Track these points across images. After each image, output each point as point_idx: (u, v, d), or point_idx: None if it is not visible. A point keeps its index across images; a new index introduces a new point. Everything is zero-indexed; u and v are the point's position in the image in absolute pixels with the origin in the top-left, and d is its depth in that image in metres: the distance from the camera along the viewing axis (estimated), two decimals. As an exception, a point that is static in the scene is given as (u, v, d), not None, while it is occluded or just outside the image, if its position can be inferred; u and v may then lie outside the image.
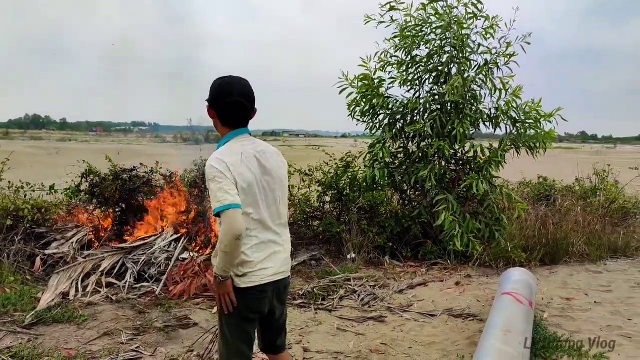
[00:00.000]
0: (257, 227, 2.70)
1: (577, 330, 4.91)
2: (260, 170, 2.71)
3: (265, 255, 2.73)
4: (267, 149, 2.82)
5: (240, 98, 2.68)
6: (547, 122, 7.13)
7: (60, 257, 6.33)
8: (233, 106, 2.69)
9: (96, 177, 7.44)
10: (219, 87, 2.71)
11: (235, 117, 2.73)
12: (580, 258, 7.67)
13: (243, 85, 2.72)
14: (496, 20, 7.14)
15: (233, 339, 2.77)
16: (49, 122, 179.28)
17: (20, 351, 4.19)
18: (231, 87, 2.69)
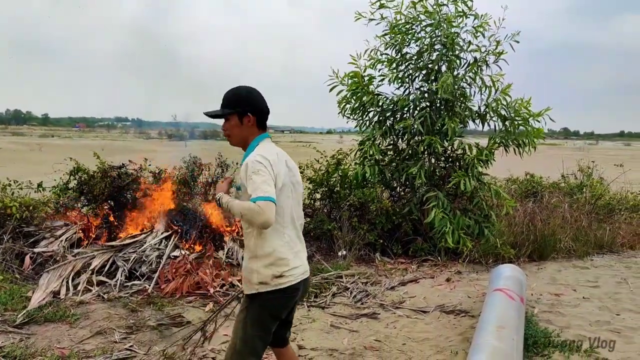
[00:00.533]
0: (289, 225, 2.82)
1: (567, 325, 4.99)
2: (288, 171, 2.85)
3: (294, 253, 2.82)
4: (285, 153, 2.97)
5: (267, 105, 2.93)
6: (536, 121, 7.20)
7: (50, 255, 6.26)
8: (267, 110, 2.91)
9: (84, 174, 7.38)
10: (256, 95, 2.88)
11: (265, 121, 2.92)
12: (567, 254, 7.79)
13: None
14: (485, 19, 7.19)
15: (253, 338, 2.78)
16: (31, 117, 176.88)
17: (12, 351, 4.15)
18: (259, 92, 2.91)
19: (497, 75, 7.25)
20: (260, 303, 2.76)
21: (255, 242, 2.75)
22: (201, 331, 4.42)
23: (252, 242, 2.77)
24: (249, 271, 2.78)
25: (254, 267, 2.75)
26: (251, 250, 2.78)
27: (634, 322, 5.15)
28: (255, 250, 2.76)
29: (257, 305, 2.77)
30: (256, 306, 2.77)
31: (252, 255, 2.78)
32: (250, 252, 2.79)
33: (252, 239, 2.77)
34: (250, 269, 2.78)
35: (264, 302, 2.76)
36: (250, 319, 2.78)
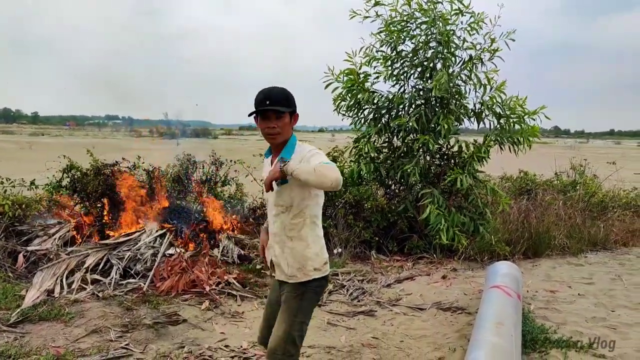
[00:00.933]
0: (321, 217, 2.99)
1: (563, 322, 5.00)
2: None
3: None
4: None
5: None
6: (531, 119, 7.21)
7: (43, 254, 6.21)
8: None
9: (78, 171, 7.33)
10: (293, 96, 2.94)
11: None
12: (562, 251, 7.83)
13: None
14: (481, 17, 7.19)
15: (302, 325, 2.88)
16: (20, 115, 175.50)
17: (6, 350, 4.10)
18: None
19: (492, 71, 7.25)
20: (313, 289, 2.91)
21: (306, 231, 2.87)
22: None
23: (304, 231, 2.87)
24: (304, 259, 2.87)
25: (309, 254, 2.87)
26: (304, 239, 2.87)
27: (630, 318, 5.18)
28: (307, 238, 2.88)
29: (311, 291, 2.91)
30: (310, 293, 2.91)
31: (304, 244, 2.87)
32: (303, 241, 2.87)
33: (303, 227, 2.86)
34: (304, 256, 2.87)
35: (315, 289, 2.92)
36: (305, 306, 2.90)
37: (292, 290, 2.91)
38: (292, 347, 2.83)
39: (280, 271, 2.96)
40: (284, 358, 2.80)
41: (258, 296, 5.62)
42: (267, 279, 6.13)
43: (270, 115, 2.81)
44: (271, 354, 2.84)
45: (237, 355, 4.25)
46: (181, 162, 8.77)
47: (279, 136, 2.86)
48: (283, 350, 2.80)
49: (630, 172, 18.94)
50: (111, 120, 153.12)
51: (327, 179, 2.53)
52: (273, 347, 2.84)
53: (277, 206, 2.89)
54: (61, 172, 7.38)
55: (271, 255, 3.02)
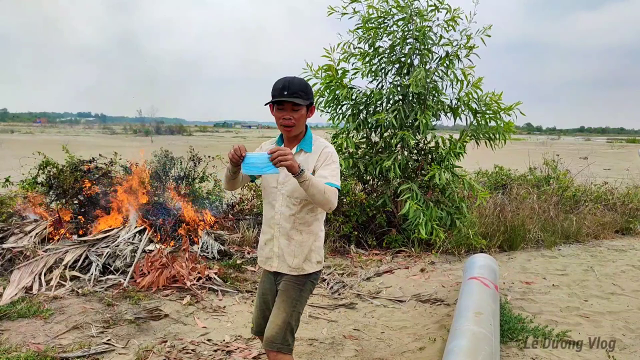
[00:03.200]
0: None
1: (539, 312, 5.14)
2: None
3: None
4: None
5: None
6: (507, 114, 7.35)
7: (19, 251, 6.13)
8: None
9: (54, 168, 7.24)
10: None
11: None
12: (536, 244, 8.01)
13: None
14: (457, 13, 7.29)
15: (299, 314, 2.95)
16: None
17: (-15, 347, 4.06)
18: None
19: (468, 67, 7.36)
20: (312, 281, 2.98)
21: (317, 225, 2.95)
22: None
23: (315, 225, 2.94)
24: (311, 252, 2.92)
25: (315, 247, 2.93)
26: (314, 232, 2.93)
27: (602, 307, 5.35)
28: (317, 232, 2.95)
29: (310, 283, 2.98)
30: (309, 285, 2.98)
31: (313, 237, 2.93)
32: (313, 234, 2.92)
33: (315, 221, 2.93)
34: (312, 249, 2.92)
35: (314, 281, 3.00)
36: (304, 297, 2.95)
37: (293, 281, 2.92)
38: (290, 336, 2.85)
39: (281, 262, 2.93)
40: (282, 347, 2.82)
41: (239, 291, 5.63)
42: (247, 274, 6.15)
43: (287, 106, 2.78)
44: (270, 342, 2.83)
45: (219, 349, 4.27)
46: (159, 158, 8.71)
47: (294, 128, 2.84)
48: (282, 339, 2.82)
49: (600, 167, 19.37)
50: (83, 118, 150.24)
51: (328, 204, 2.69)
52: (272, 334, 2.83)
53: (291, 198, 2.85)
54: (36, 168, 7.28)
55: (271, 247, 2.97)
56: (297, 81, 2.79)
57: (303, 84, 2.80)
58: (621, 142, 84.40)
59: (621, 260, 7.31)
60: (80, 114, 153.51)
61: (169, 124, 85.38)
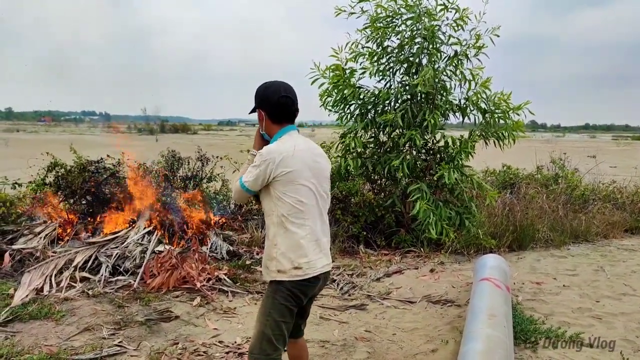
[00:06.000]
0: (311, 217, 2.85)
1: (551, 313, 5.11)
2: (312, 163, 2.90)
3: (315, 245, 2.86)
4: (314, 146, 3.05)
5: (286, 94, 2.91)
6: (515, 114, 7.32)
7: (29, 252, 6.14)
8: (281, 103, 2.90)
9: (62, 169, 7.25)
10: (265, 88, 2.95)
11: (283, 113, 2.92)
12: (546, 243, 7.98)
13: (286, 85, 2.95)
14: (466, 12, 7.26)
15: (278, 323, 2.84)
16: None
17: (-2, 349, 4.07)
18: (277, 86, 2.92)
19: (477, 68, 7.33)
20: (281, 290, 2.83)
21: (274, 231, 2.83)
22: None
23: (272, 230, 2.84)
24: (269, 257, 2.86)
25: (273, 254, 2.83)
26: (270, 238, 2.86)
27: (614, 308, 5.32)
28: (274, 239, 2.83)
29: (284, 292, 2.83)
30: (283, 293, 2.83)
31: (270, 243, 2.85)
32: (269, 240, 2.86)
33: (271, 226, 2.85)
34: (269, 255, 2.86)
35: (283, 290, 2.83)
36: (277, 305, 2.83)
37: (267, 288, 2.94)
38: (269, 346, 2.79)
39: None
40: (259, 357, 2.80)
41: (249, 292, 5.63)
42: (256, 275, 6.14)
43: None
44: (249, 354, 2.86)
45: (231, 351, 4.26)
46: (166, 158, 8.71)
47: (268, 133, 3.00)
48: (259, 349, 2.80)
49: (606, 165, 19.27)
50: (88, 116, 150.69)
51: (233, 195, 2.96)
52: (250, 346, 2.87)
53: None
54: (45, 169, 7.28)
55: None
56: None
57: (257, 90, 2.99)
58: (627, 139, 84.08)
59: (632, 260, 7.27)
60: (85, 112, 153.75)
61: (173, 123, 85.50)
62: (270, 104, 2.90)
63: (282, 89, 2.90)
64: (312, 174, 2.87)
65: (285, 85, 2.94)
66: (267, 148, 2.81)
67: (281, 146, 2.82)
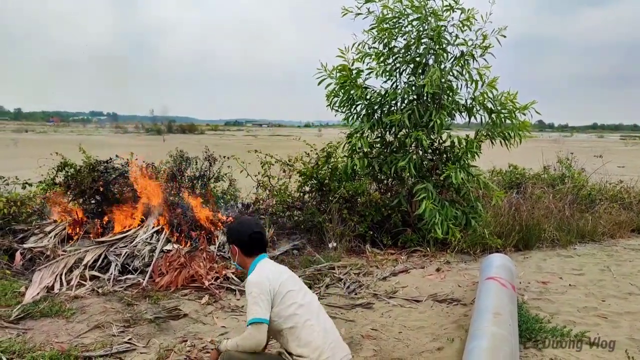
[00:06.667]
0: (305, 322, 3.15)
1: (556, 312, 5.14)
2: (288, 276, 3.28)
3: (314, 349, 3.12)
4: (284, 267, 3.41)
5: (257, 229, 3.32)
6: (522, 114, 7.34)
7: (40, 251, 6.22)
8: (253, 238, 3.29)
9: (72, 169, 7.32)
10: (237, 225, 3.41)
11: (255, 247, 3.31)
12: (552, 243, 7.99)
13: (254, 221, 3.46)
14: (472, 13, 7.29)
15: None
16: (2, 112, 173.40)
17: (10, 346, 4.13)
18: (248, 224, 3.36)
19: (483, 67, 7.36)
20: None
21: (281, 342, 3.23)
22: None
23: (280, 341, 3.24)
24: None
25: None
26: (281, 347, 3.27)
27: (619, 307, 5.33)
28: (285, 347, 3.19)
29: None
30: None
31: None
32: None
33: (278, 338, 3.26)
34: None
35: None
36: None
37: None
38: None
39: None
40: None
41: (256, 290, 5.67)
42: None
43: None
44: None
45: (239, 348, 4.31)
46: (174, 158, 8.78)
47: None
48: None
49: (614, 165, 19.20)
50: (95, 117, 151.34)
51: (243, 349, 3.07)
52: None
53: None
54: (55, 169, 7.36)
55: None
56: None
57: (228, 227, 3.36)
58: (635, 139, 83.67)
59: (638, 260, 7.27)
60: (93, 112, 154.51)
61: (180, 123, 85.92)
62: (244, 241, 3.28)
63: (254, 226, 3.32)
64: (294, 284, 3.23)
65: (254, 221, 3.44)
66: (252, 279, 3.12)
67: (261, 271, 3.18)
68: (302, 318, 3.11)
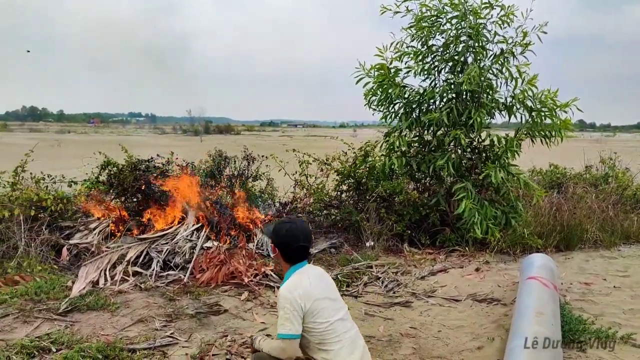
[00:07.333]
0: (334, 337, 3.07)
1: (601, 313, 5.02)
2: (324, 285, 3.20)
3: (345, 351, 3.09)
4: (320, 271, 3.33)
5: (304, 243, 3.16)
6: (563, 112, 7.19)
7: (85, 247, 6.41)
8: (298, 250, 3.16)
9: (114, 168, 7.51)
10: (286, 233, 3.16)
11: (299, 256, 3.18)
12: (594, 244, 7.81)
13: (304, 230, 3.20)
14: (512, 9, 7.19)
15: None
16: (46, 113, 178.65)
17: (59, 337, 4.27)
18: (296, 233, 3.15)
19: (523, 65, 7.24)
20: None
21: (307, 351, 3.12)
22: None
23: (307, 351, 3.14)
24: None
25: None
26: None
27: (667, 310, 5.18)
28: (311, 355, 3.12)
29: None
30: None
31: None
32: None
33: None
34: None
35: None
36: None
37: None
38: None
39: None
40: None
41: (295, 288, 5.72)
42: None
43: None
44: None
45: (278, 344, 4.36)
46: (213, 157, 8.93)
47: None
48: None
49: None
50: (134, 118, 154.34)
51: (275, 355, 3.05)
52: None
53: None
54: (98, 168, 7.56)
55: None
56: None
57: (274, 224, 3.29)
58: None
59: (686, 262, 7.05)
60: (132, 113, 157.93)
61: (216, 124, 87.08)
62: (287, 249, 3.15)
63: (301, 238, 3.13)
64: (327, 297, 3.12)
65: (304, 229, 3.18)
66: (287, 288, 3.02)
67: (296, 284, 3.06)
68: (331, 335, 3.05)
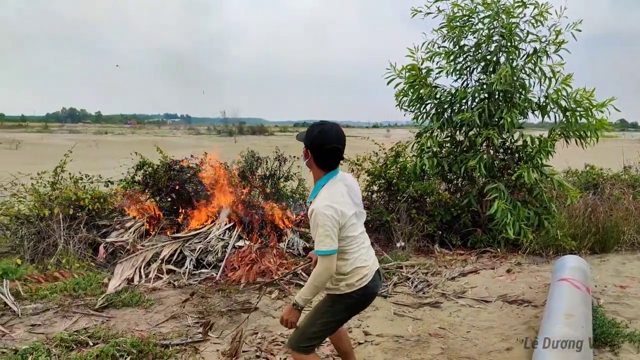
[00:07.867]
0: (359, 244, 3.05)
1: (635, 317, 4.92)
2: (351, 202, 3.03)
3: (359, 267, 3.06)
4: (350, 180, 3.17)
5: (337, 145, 2.95)
6: (599, 111, 7.07)
7: (120, 245, 6.59)
8: (331, 152, 2.96)
9: (150, 168, 7.68)
10: (318, 134, 2.96)
11: (332, 161, 3.00)
12: (632, 246, 7.63)
13: (338, 132, 2.98)
14: (546, 8, 7.10)
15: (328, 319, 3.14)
16: (85, 115, 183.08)
17: (96, 332, 4.42)
18: (330, 134, 2.96)
19: (557, 64, 7.14)
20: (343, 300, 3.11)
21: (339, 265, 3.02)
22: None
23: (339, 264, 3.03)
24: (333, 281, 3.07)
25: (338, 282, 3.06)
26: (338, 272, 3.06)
27: None
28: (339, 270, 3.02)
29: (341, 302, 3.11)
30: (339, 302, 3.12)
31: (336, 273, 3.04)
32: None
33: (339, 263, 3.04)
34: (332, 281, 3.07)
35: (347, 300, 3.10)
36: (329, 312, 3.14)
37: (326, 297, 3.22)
38: (306, 340, 3.10)
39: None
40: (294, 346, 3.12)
41: (325, 287, 5.77)
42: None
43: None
44: (288, 340, 3.23)
45: (308, 342, 4.41)
46: (245, 158, 9.05)
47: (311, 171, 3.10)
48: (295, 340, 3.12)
49: None
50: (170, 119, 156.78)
51: (321, 286, 2.92)
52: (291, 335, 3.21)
53: None
54: (134, 168, 7.75)
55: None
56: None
57: (309, 128, 3.04)
58: None
59: None
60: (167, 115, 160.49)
61: (250, 124, 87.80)
62: (320, 151, 2.96)
63: (334, 139, 2.95)
64: (355, 209, 3.03)
65: (337, 132, 2.98)
66: (326, 203, 2.88)
67: (332, 196, 2.92)
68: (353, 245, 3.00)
